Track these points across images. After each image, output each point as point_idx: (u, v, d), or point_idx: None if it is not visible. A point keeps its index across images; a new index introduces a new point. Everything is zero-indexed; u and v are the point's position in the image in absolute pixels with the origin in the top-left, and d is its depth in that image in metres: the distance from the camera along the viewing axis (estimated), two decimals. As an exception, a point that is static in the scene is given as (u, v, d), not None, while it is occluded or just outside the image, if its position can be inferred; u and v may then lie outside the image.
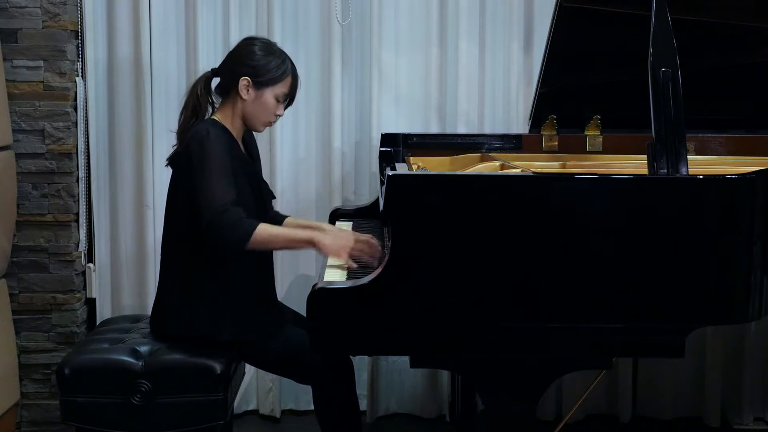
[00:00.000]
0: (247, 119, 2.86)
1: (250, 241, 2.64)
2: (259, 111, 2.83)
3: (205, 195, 2.65)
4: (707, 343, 3.83)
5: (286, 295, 3.79)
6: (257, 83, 2.80)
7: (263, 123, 2.88)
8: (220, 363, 2.74)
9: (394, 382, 3.90)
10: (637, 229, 2.34)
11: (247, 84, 2.80)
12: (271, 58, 2.82)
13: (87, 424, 2.74)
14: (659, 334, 2.39)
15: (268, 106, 2.83)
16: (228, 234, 2.63)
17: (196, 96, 2.84)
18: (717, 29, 3.18)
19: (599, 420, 3.89)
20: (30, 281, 3.67)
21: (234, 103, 2.84)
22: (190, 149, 2.73)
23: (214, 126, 2.77)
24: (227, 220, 2.63)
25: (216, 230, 2.63)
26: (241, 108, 2.83)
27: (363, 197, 3.82)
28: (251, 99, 2.81)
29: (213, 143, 2.70)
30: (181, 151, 2.79)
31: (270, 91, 2.82)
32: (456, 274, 2.31)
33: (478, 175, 2.71)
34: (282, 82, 2.83)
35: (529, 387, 2.41)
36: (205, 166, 2.68)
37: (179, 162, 2.80)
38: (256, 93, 2.81)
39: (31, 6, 3.59)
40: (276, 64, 2.82)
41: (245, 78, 2.80)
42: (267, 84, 2.81)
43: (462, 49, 3.75)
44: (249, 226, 2.64)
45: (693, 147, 3.36)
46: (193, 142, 2.73)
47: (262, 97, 2.82)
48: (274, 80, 2.81)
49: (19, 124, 3.61)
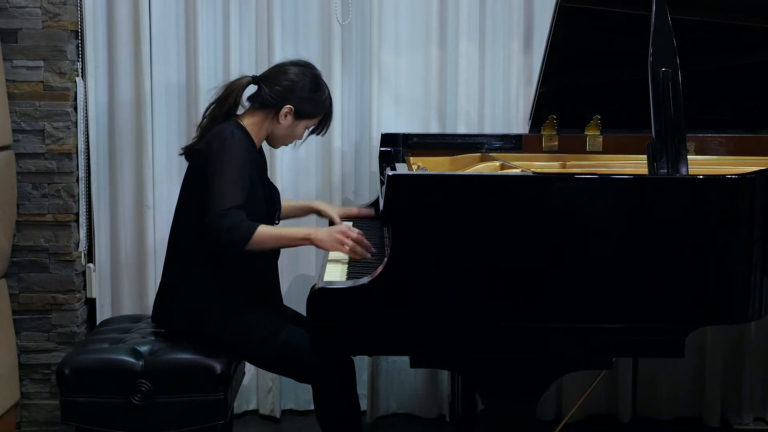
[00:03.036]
0: (272, 138, 2.94)
1: (250, 243, 2.66)
2: (288, 137, 2.94)
3: (213, 195, 2.69)
4: (707, 343, 3.83)
5: (286, 295, 3.77)
6: (298, 114, 2.88)
7: (285, 144, 2.98)
8: (220, 363, 2.74)
9: (394, 382, 3.90)
10: (637, 229, 2.34)
11: (288, 112, 2.87)
12: (318, 95, 2.91)
13: (87, 424, 2.74)
14: (659, 334, 2.39)
15: (297, 134, 2.94)
16: (225, 236, 2.66)
17: (234, 98, 2.88)
18: (717, 29, 3.18)
19: (599, 420, 3.89)
20: (30, 281, 3.67)
21: (268, 119, 2.89)
22: (211, 146, 2.76)
23: (239, 129, 2.82)
24: (226, 222, 2.65)
25: (216, 231, 2.66)
26: (272, 127, 2.90)
27: (363, 197, 3.82)
28: (286, 124, 2.89)
29: (235, 146, 2.75)
30: (201, 148, 2.82)
31: (305, 123, 2.92)
32: (456, 273, 2.31)
33: (478, 175, 2.71)
34: (318, 118, 2.94)
35: (529, 387, 2.41)
36: (221, 166, 2.71)
37: (197, 157, 2.83)
38: (293, 121, 2.89)
39: (31, 6, 3.59)
40: (320, 102, 2.92)
41: (289, 107, 2.86)
42: (306, 117, 2.90)
43: (462, 49, 3.75)
44: (248, 229, 2.66)
45: (693, 147, 3.36)
46: (215, 140, 2.77)
47: (297, 126, 2.91)
48: (313, 116, 2.92)
49: (19, 124, 3.61)
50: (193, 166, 2.86)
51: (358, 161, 3.84)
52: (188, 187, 2.87)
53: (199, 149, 2.82)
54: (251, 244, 2.66)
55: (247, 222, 2.68)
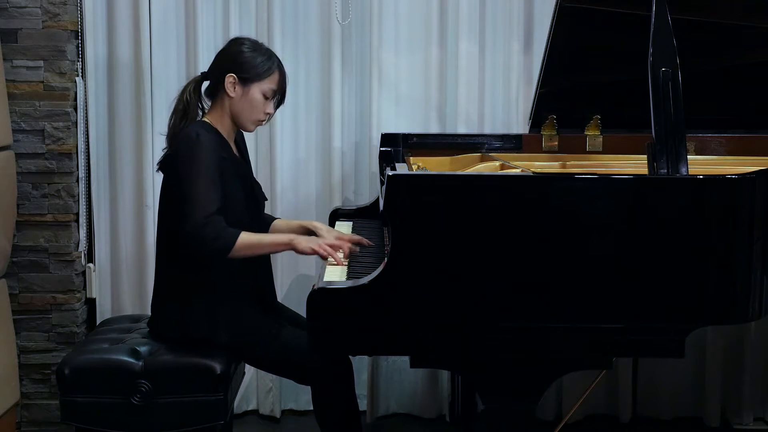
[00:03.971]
0: (236, 118, 2.85)
1: (232, 251, 2.65)
2: (247, 108, 2.82)
3: (188, 203, 2.65)
4: (707, 343, 3.83)
5: (286, 295, 3.79)
6: (243, 79, 2.80)
7: (252, 121, 2.86)
8: (220, 363, 2.74)
9: (394, 382, 3.90)
10: (637, 229, 2.34)
11: (233, 81, 2.80)
12: (257, 54, 2.82)
13: (87, 424, 2.74)
14: (659, 334, 2.39)
15: (256, 102, 2.82)
16: (208, 246, 2.64)
17: (186, 99, 2.83)
18: (717, 29, 3.18)
19: (599, 420, 3.89)
20: (30, 281, 3.67)
21: (222, 102, 2.83)
22: (179, 153, 2.73)
23: (204, 128, 2.77)
24: (208, 232, 2.63)
25: (198, 240, 2.64)
26: (229, 106, 2.83)
27: (363, 197, 3.82)
28: (238, 96, 2.81)
29: (202, 148, 2.70)
30: (171, 154, 2.80)
31: (257, 87, 2.81)
32: (456, 274, 2.31)
33: (478, 175, 2.71)
34: (268, 78, 2.82)
35: (529, 387, 2.41)
36: (191, 171, 2.67)
37: (169, 165, 2.80)
38: (242, 90, 2.81)
39: (31, 6, 3.59)
40: (261, 60, 2.82)
41: (231, 75, 2.79)
42: (253, 80, 2.80)
43: (462, 49, 3.75)
44: (230, 237, 2.65)
45: (693, 147, 3.36)
46: (182, 145, 2.73)
47: (248, 93, 2.81)
48: (260, 76, 2.81)
49: (19, 124, 3.61)
50: (166, 175, 2.83)
51: (358, 161, 3.84)
52: (166, 194, 2.84)
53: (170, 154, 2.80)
54: (234, 252, 2.65)
55: (228, 229, 2.66)
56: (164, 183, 2.85)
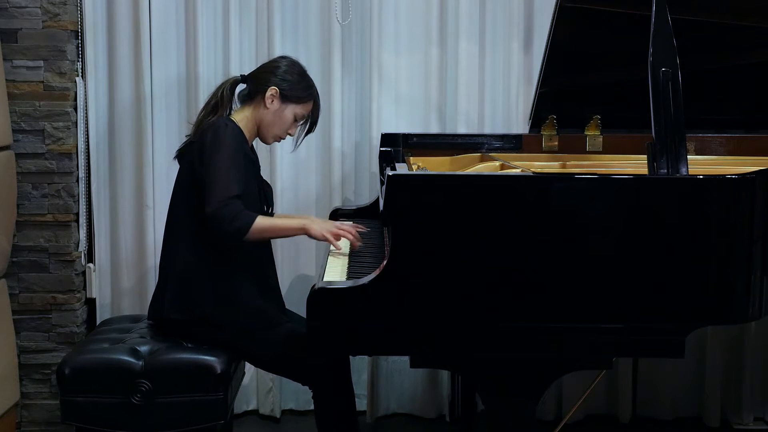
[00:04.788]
0: (262, 128, 2.97)
1: (249, 233, 2.73)
2: (277, 123, 2.96)
3: (212, 184, 2.74)
4: (707, 343, 3.83)
5: (286, 295, 3.76)
6: (284, 96, 2.93)
7: (275, 136, 3.00)
8: (220, 363, 2.74)
9: (394, 382, 3.90)
10: (637, 229, 2.34)
11: (274, 94, 2.92)
12: (302, 80, 2.98)
13: (87, 424, 2.74)
14: (659, 334, 2.39)
15: (286, 121, 2.96)
16: (227, 225, 2.72)
17: (221, 95, 2.94)
18: (717, 29, 3.18)
19: (599, 420, 3.89)
20: (30, 281, 3.67)
21: (256, 109, 2.95)
22: (204, 138, 2.82)
23: (232, 122, 2.87)
24: (228, 212, 2.72)
25: (217, 221, 2.72)
26: (261, 115, 2.95)
27: (363, 197, 3.82)
28: (273, 109, 2.93)
29: (229, 136, 2.81)
30: (195, 141, 2.87)
31: (292, 108, 2.96)
32: (456, 273, 2.31)
33: (478, 175, 2.71)
34: (305, 104, 2.98)
35: (529, 387, 2.41)
36: (217, 155, 2.77)
37: (190, 151, 2.87)
38: (279, 105, 2.94)
39: (31, 6, 3.59)
40: (305, 86, 2.98)
41: (274, 88, 2.92)
42: (292, 100, 2.95)
43: (462, 49, 3.75)
44: (248, 218, 2.74)
45: (693, 147, 3.36)
46: (209, 131, 2.82)
47: (284, 111, 2.95)
48: (299, 99, 2.96)
49: (19, 124, 3.61)
50: (188, 159, 2.90)
51: (358, 161, 3.84)
52: (183, 180, 2.91)
53: (193, 141, 2.88)
54: (251, 234, 2.74)
55: (246, 212, 2.75)
56: (182, 168, 2.94)
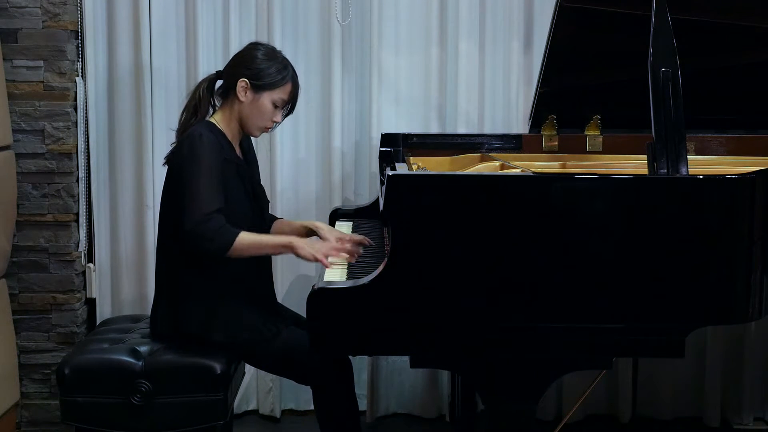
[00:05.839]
0: (243, 122, 2.85)
1: (231, 250, 2.65)
2: (255, 114, 2.83)
3: (189, 201, 2.66)
4: (707, 343, 3.83)
5: (286, 295, 3.79)
6: (255, 86, 2.81)
7: (259, 128, 2.88)
8: (220, 363, 2.74)
9: (394, 382, 3.90)
10: (637, 229, 2.33)
11: (245, 86, 2.80)
12: (272, 63, 2.83)
13: (87, 424, 2.74)
14: (659, 334, 2.39)
15: (265, 110, 2.83)
16: (207, 244, 2.65)
17: (198, 96, 2.86)
18: (717, 29, 3.17)
19: (599, 420, 3.89)
20: (30, 281, 3.67)
21: (232, 105, 2.85)
22: (181, 151, 2.74)
23: (209, 129, 2.78)
24: (207, 230, 2.63)
25: (195, 240, 2.65)
26: (238, 110, 2.83)
27: (363, 197, 3.82)
28: (248, 101, 2.82)
29: (204, 147, 2.70)
30: (174, 151, 2.81)
31: (267, 96, 2.82)
32: (456, 274, 2.31)
33: (478, 175, 2.71)
34: (280, 88, 2.83)
35: (529, 387, 2.41)
36: (193, 170, 2.68)
37: (172, 162, 2.81)
38: (253, 96, 2.82)
39: (31, 6, 3.59)
40: (276, 70, 2.82)
41: (243, 80, 2.80)
42: (265, 88, 2.81)
43: (462, 49, 3.75)
44: (230, 236, 2.65)
45: (693, 147, 3.36)
46: (185, 143, 2.74)
47: (259, 100, 2.82)
48: (273, 85, 2.82)
49: (19, 124, 3.61)
50: (169, 170, 2.84)
51: (358, 161, 3.84)
52: (168, 191, 2.84)
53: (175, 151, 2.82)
54: (232, 252, 2.66)
55: (229, 228, 2.66)
56: (167, 177, 2.85)
